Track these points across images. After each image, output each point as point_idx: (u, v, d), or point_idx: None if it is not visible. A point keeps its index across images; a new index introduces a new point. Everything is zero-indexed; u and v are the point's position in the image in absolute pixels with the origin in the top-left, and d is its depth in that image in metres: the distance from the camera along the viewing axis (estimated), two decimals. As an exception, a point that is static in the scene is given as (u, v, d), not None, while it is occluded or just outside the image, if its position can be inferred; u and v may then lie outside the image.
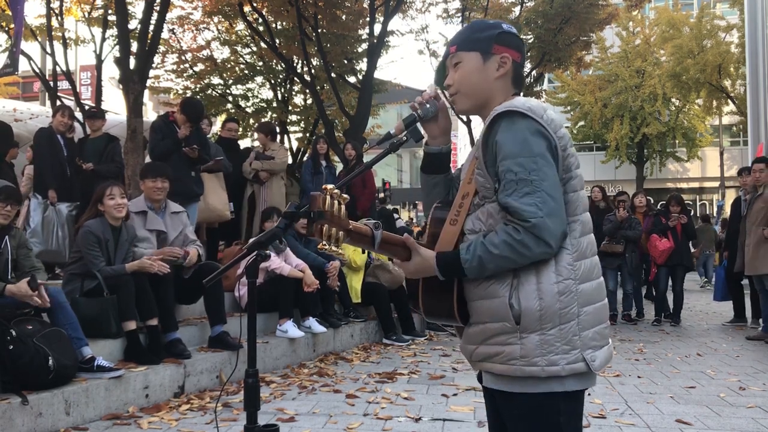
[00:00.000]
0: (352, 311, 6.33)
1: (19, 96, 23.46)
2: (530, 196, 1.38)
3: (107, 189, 4.25)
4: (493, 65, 1.55)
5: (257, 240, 1.98)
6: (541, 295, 1.42)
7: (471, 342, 1.55)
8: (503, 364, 1.47)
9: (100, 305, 3.99)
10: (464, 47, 1.57)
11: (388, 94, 15.97)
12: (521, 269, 1.43)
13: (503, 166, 1.43)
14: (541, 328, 1.42)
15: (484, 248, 1.42)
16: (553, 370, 1.42)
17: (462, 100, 1.59)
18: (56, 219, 5.78)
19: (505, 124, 1.45)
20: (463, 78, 1.57)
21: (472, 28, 1.60)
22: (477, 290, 1.50)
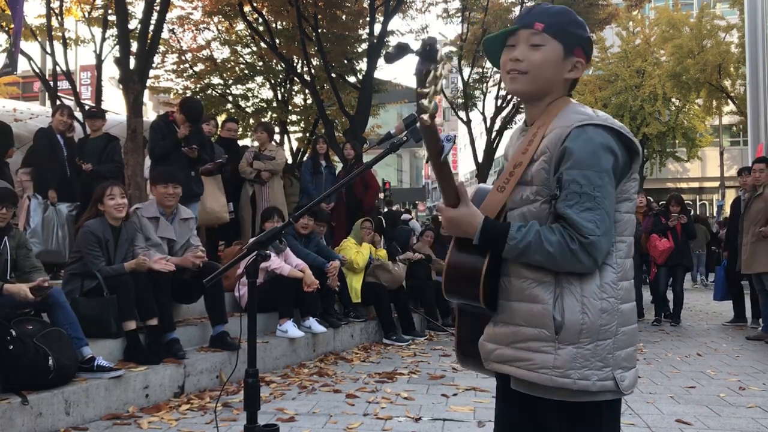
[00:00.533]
0: (352, 311, 6.33)
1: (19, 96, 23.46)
2: (591, 213, 1.38)
3: (107, 189, 4.25)
4: (568, 65, 1.52)
5: (257, 240, 1.98)
6: (585, 309, 1.42)
7: (495, 341, 1.53)
8: (532, 371, 1.46)
9: (100, 305, 4.00)
10: (553, 32, 1.49)
11: (388, 94, 15.98)
12: (566, 280, 1.43)
13: (569, 175, 1.41)
14: (579, 341, 1.43)
15: (537, 238, 1.39)
16: (584, 385, 1.42)
17: (527, 82, 1.51)
18: (56, 219, 5.77)
19: (582, 134, 1.42)
20: (540, 63, 1.49)
21: (565, 16, 1.52)
22: (516, 290, 1.48)
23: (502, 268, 1.52)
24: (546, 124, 1.50)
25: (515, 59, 1.51)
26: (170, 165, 5.26)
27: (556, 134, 1.46)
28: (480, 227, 1.42)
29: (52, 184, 5.83)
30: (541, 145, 1.48)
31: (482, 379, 4.77)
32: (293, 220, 2.09)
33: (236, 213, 6.95)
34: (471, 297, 1.50)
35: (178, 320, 4.83)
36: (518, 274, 1.49)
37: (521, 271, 1.48)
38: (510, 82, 1.54)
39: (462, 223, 1.45)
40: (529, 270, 1.47)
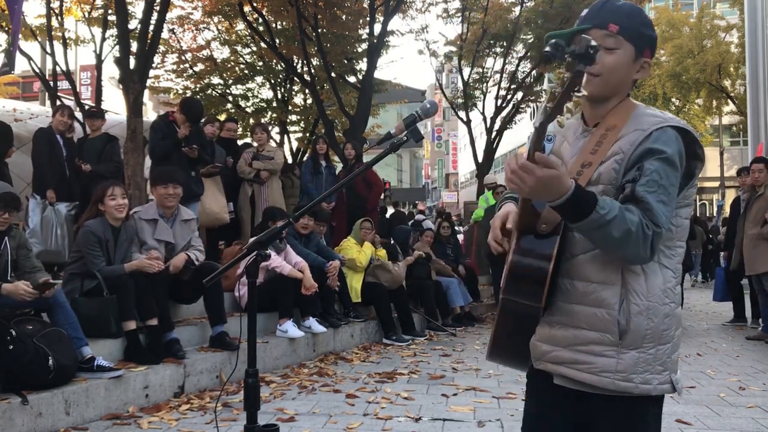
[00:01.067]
0: (352, 311, 6.33)
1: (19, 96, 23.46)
2: (665, 206, 1.39)
3: (108, 189, 4.25)
4: (637, 66, 1.52)
5: (257, 240, 1.98)
6: (650, 315, 1.43)
7: (551, 342, 1.52)
8: (593, 374, 1.46)
9: (100, 305, 3.99)
10: (628, 34, 1.48)
11: (388, 94, 16.00)
12: (632, 284, 1.44)
13: (652, 165, 1.40)
14: (642, 346, 1.44)
15: (621, 214, 1.34)
16: (646, 389, 1.44)
17: (599, 85, 1.50)
18: (55, 219, 5.77)
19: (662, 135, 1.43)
20: (614, 67, 1.49)
21: (638, 16, 1.51)
22: (580, 293, 1.48)
23: (566, 270, 1.51)
24: (618, 127, 1.49)
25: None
26: (170, 165, 5.26)
27: (633, 137, 1.45)
28: (573, 188, 1.31)
29: (51, 183, 5.84)
30: (614, 146, 1.47)
31: (482, 379, 4.77)
32: (293, 220, 2.09)
33: (236, 213, 6.96)
34: (533, 297, 1.48)
35: (178, 320, 4.83)
36: (583, 276, 1.48)
37: (588, 274, 1.47)
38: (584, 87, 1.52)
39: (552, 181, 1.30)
40: (597, 272, 1.46)
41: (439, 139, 52.53)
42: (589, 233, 1.38)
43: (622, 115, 1.50)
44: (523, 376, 1.74)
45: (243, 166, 6.93)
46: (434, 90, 38.36)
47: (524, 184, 1.32)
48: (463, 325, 7.55)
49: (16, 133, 6.77)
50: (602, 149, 1.48)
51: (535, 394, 1.65)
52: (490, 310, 8.97)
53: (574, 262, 1.50)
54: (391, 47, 15.45)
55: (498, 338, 1.61)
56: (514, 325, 1.58)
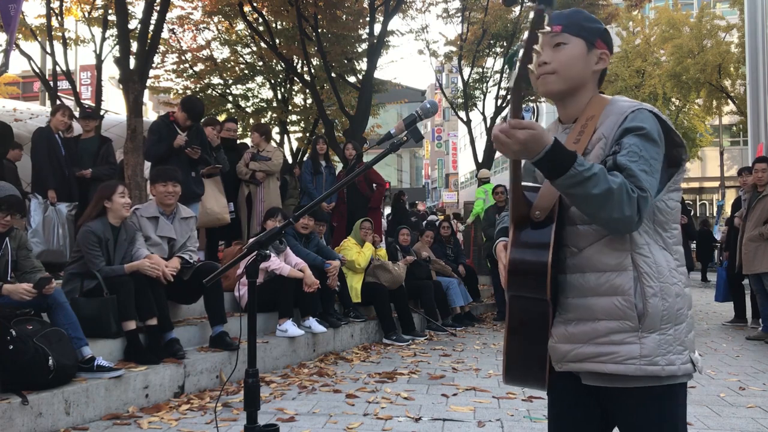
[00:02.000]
0: (352, 311, 6.33)
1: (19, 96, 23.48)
2: (647, 175, 1.41)
3: (117, 187, 4.27)
4: (593, 58, 1.58)
5: (257, 240, 1.98)
6: (664, 295, 1.46)
7: (570, 341, 1.52)
8: (619, 363, 1.46)
9: (100, 305, 3.99)
10: (571, 31, 1.57)
11: (388, 94, 16.00)
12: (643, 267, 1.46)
13: (630, 140, 1.44)
14: (661, 327, 1.46)
15: (603, 173, 1.36)
16: (672, 370, 1.45)
17: (557, 81, 1.57)
18: (57, 219, 5.78)
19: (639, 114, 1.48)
20: (566, 61, 1.56)
21: (578, 15, 1.60)
22: (593, 285, 1.49)
23: (575, 265, 1.52)
24: (595, 117, 1.55)
25: (542, 63, 1.57)
26: (170, 165, 5.26)
27: (612, 120, 1.51)
28: (551, 142, 1.35)
29: (52, 183, 5.84)
30: (596, 133, 1.52)
31: (482, 379, 4.77)
32: (293, 221, 2.09)
33: (236, 213, 6.96)
34: (536, 289, 1.49)
35: (178, 320, 4.84)
36: (594, 267, 1.49)
37: (598, 264, 1.49)
38: (542, 85, 1.59)
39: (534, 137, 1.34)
40: (608, 260, 1.48)
41: (439, 139, 52.53)
42: (571, 191, 1.37)
43: (597, 107, 1.56)
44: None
45: (241, 166, 6.93)
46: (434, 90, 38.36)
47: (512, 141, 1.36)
48: (463, 325, 7.56)
49: (17, 133, 6.77)
50: (584, 138, 1.54)
51: (558, 400, 1.62)
52: (490, 310, 8.97)
53: (582, 255, 1.51)
54: (391, 47, 15.48)
55: (510, 364, 1.58)
56: (526, 333, 1.56)
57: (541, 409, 3.90)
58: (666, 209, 1.51)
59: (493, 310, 8.72)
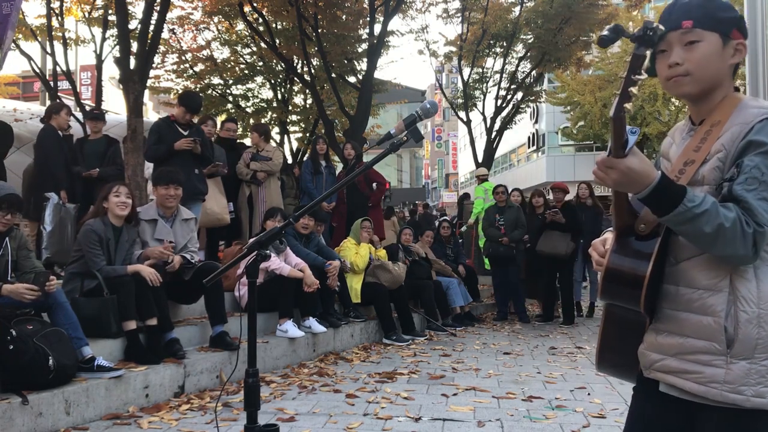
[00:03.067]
0: (352, 311, 6.33)
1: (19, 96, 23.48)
2: (767, 203, 1.30)
3: (114, 187, 4.28)
4: (729, 51, 1.44)
5: (257, 240, 1.98)
6: (761, 323, 1.33)
7: (658, 351, 1.46)
8: (701, 384, 1.38)
9: (100, 305, 4.00)
10: (704, 25, 1.42)
11: (388, 94, 16.01)
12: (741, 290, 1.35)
13: (751, 161, 1.32)
14: (754, 356, 1.33)
15: (716, 208, 1.27)
16: (760, 403, 1.33)
17: (691, 83, 1.45)
18: (68, 219, 5.81)
19: (761, 125, 1.35)
20: (700, 61, 1.42)
21: (712, 4, 1.44)
22: (686, 300, 1.41)
23: (670, 275, 1.45)
24: (722, 122, 1.42)
25: (674, 64, 1.45)
26: (173, 164, 5.26)
27: (736, 131, 1.38)
28: (658, 179, 1.28)
29: (63, 184, 5.85)
30: (716, 143, 1.40)
31: (482, 379, 4.77)
32: (293, 221, 2.09)
33: (236, 213, 6.96)
34: (631, 301, 1.43)
35: (178, 320, 4.84)
36: (689, 282, 1.41)
37: (693, 280, 1.40)
38: (675, 88, 1.48)
39: (638, 173, 1.28)
40: (704, 278, 1.39)
41: (439, 139, 52.54)
42: (680, 228, 1.32)
43: (726, 110, 1.44)
44: (522, 376, 1.74)
45: (241, 167, 6.94)
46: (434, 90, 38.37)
47: (608, 177, 1.32)
48: (463, 325, 7.56)
49: (16, 133, 6.78)
50: (705, 146, 1.42)
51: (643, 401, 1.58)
52: (490, 310, 8.97)
53: (679, 267, 1.43)
54: (391, 47, 15.50)
55: (604, 347, 1.57)
56: (619, 333, 1.54)
57: (540, 409, 3.90)
58: None
59: (493, 310, 8.72)
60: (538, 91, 17.77)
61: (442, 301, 7.50)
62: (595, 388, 4.41)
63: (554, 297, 8.15)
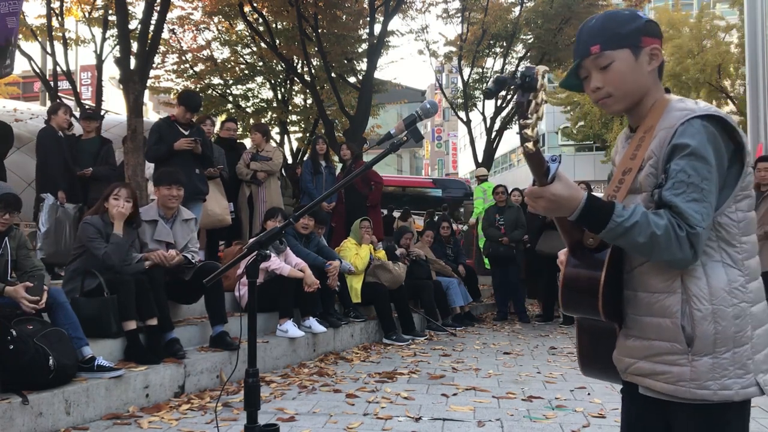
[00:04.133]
0: (352, 311, 6.33)
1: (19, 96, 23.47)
2: (697, 204, 1.34)
3: (115, 189, 4.27)
4: (644, 59, 1.47)
5: (257, 240, 1.98)
6: (716, 318, 1.38)
7: (629, 355, 1.51)
8: (670, 384, 1.43)
9: (100, 305, 4.00)
10: (611, 45, 1.46)
11: (388, 94, 16.00)
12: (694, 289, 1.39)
13: (677, 165, 1.37)
14: (715, 351, 1.39)
15: (645, 219, 1.32)
16: (726, 395, 1.39)
17: (617, 102, 1.51)
18: (66, 219, 5.80)
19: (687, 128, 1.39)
20: (617, 80, 1.48)
21: (612, 22, 1.48)
22: (644, 304, 1.46)
23: (628, 282, 1.49)
24: (652, 128, 1.47)
25: (595, 89, 1.51)
26: (174, 164, 5.26)
27: (662, 137, 1.43)
28: (584, 200, 1.34)
29: (62, 184, 5.85)
30: (648, 150, 1.45)
31: (482, 379, 4.77)
32: (294, 221, 2.09)
33: (235, 214, 6.96)
34: (590, 310, 1.46)
35: (179, 320, 4.84)
36: (645, 287, 1.46)
37: (648, 284, 1.45)
38: (605, 109, 1.54)
39: (564, 198, 1.35)
40: (659, 281, 1.43)
41: (439, 139, 52.55)
42: (616, 241, 1.38)
43: (656, 115, 1.48)
44: (522, 376, 1.75)
45: (241, 167, 6.94)
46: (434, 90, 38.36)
47: (538, 206, 1.39)
48: (463, 325, 7.56)
49: (17, 133, 6.77)
50: (640, 153, 1.47)
51: (628, 403, 1.63)
52: (490, 310, 8.98)
53: (634, 274, 1.48)
54: (391, 47, 15.46)
55: (583, 354, 1.61)
56: (591, 340, 1.58)
57: (540, 409, 3.90)
58: (730, 223, 1.42)
59: (493, 310, 8.72)
60: (538, 91, 17.74)
61: (442, 301, 7.51)
62: (595, 388, 4.41)
63: (554, 297, 8.14)
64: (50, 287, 3.73)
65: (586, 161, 29.79)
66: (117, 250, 4.10)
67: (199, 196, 5.71)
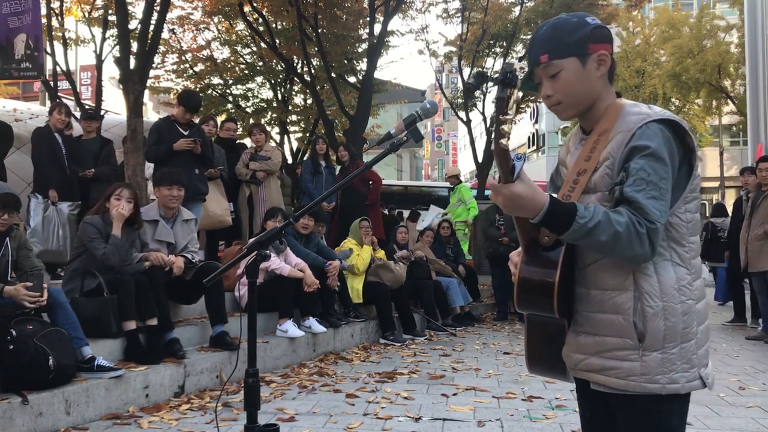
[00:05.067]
0: (352, 311, 6.33)
1: (19, 96, 23.46)
2: (657, 201, 1.38)
3: (117, 189, 4.27)
4: (592, 66, 1.51)
5: (257, 240, 1.98)
6: (667, 315, 1.44)
7: (580, 352, 1.54)
8: (621, 379, 1.47)
9: (100, 305, 4.00)
10: (558, 55, 1.50)
11: (388, 94, 15.99)
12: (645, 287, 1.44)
13: (637, 164, 1.40)
14: (664, 347, 1.44)
15: (606, 218, 1.36)
16: (674, 388, 1.45)
17: (567, 109, 1.55)
18: (57, 219, 5.78)
19: (646, 131, 1.43)
20: (565, 88, 1.52)
21: (559, 31, 1.51)
22: (597, 301, 1.50)
23: (580, 279, 1.53)
24: (608, 131, 1.50)
25: (546, 96, 1.55)
26: (175, 165, 5.26)
27: (619, 140, 1.46)
28: (547, 204, 1.37)
29: (53, 183, 5.84)
30: (604, 152, 1.48)
31: (482, 379, 4.77)
32: (294, 221, 2.09)
33: (235, 213, 6.96)
34: (545, 309, 1.50)
35: (179, 320, 4.84)
36: (597, 284, 1.49)
37: (601, 282, 1.49)
38: (556, 114, 1.59)
39: (525, 199, 1.38)
40: (609, 279, 1.47)
41: (439, 139, 52.54)
42: (579, 242, 1.41)
43: (611, 118, 1.51)
44: (522, 376, 1.76)
45: (240, 167, 6.94)
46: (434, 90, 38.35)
47: (498, 201, 1.42)
48: (463, 325, 7.56)
49: (17, 133, 6.77)
50: (595, 155, 1.51)
51: (582, 401, 1.68)
52: (490, 310, 8.97)
53: (587, 271, 1.51)
54: (391, 47, 15.46)
55: (531, 351, 1.64)
56: (542, 337, 1.60)
57: (540, 409, 3.90)
58: (680, 223, 1.47)
59: (493, 310, 8.72)
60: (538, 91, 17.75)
61: (442, 301, 7.50)
62: (595, 388, 4.41)
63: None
64: (50, 287, 3.73)
65: (586, 161, 29.79)
66: (116, 251, 4.10)
67: (198, 197, 5.71)
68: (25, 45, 7.35)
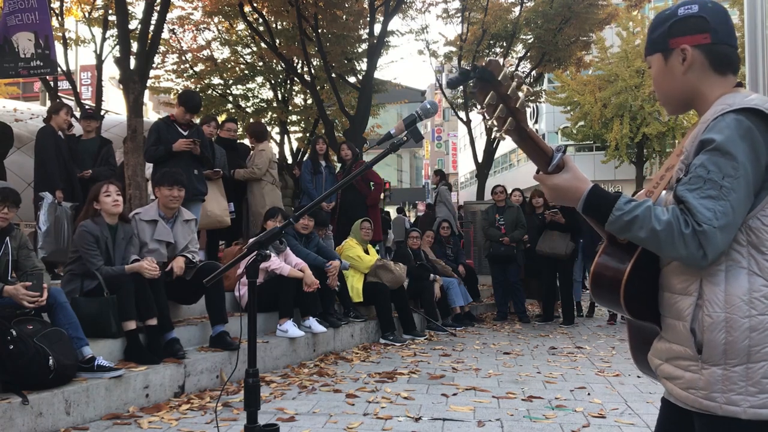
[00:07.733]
0: (352, 311, 6.33)
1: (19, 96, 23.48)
2: (713, 201, 1.26)
3: (103, 186, 4.26)
4: (676, 61, 1.43)
5: (257, 240, 1.98)
6: (728, 328, 1.29)
7: (657, 356, 1.47)
8: (683, 390, 1.37)
9: (100, 305, 4.00)
10: (648, 52, 1.49)
11: (388, 94, 16.00)
12: (709, 294, 1.31)
13: (698, 160, 1.30)
14: (725, 362, 1.30)
15: (647, 213, 1.29)
16: (732, 411, 1.29)
17: (664, 106, 1.52)
18: (65, 218, 5.80)
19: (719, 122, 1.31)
20: (655, 85, 1.50)
21: (651, 27, 1.49)
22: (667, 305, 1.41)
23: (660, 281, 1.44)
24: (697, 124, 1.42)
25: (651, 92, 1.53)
26: (175, 165, 5.26)
27: (695, 133, 1.38)
28: (586, 192, 1.34)
29: (60, 183, 5.85)
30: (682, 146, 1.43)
31: (482, 379, 4.77)
32: (293, 221, 2.09)
33: (237, 213, 6.94)
34: (615, 305, 1.43)
35: (179, 320, 4.84)
36: (670, 287, 1.41)
37: (671, 284, 1.40)
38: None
39: (565, 189, 1.37)
40: (678, 281, 1.38)
41: (439, 139, 52.51)
42: (621, 235, 1.36)
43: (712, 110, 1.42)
44: (522, 376, 1.75)
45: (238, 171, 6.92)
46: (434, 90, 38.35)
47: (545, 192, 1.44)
48: (463, 325, 7.56)
49: (17, 133, 6.78)
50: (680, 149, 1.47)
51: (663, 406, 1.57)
52: (490, 310, 8.97)
53: (663, 273, 1.44)
54: (391, 47, 15.49)
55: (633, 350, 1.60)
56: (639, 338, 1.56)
57: (540, 409, 3.90)
58: (762, 227, 1.30)
59: (493, 310, 8.72)
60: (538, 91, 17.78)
61: (442, 301, 7.51)
62: (595, 388, 4.42)
63: (554, 297, 8.15)
64: (50, 287, 3.73)
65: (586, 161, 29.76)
66: (111, 273, 4.09)
67: (198, 197, 5.71)
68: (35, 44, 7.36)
